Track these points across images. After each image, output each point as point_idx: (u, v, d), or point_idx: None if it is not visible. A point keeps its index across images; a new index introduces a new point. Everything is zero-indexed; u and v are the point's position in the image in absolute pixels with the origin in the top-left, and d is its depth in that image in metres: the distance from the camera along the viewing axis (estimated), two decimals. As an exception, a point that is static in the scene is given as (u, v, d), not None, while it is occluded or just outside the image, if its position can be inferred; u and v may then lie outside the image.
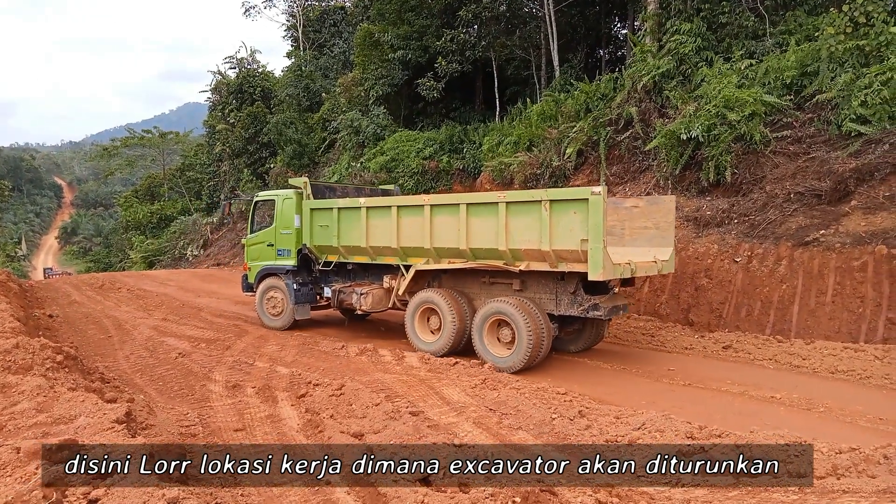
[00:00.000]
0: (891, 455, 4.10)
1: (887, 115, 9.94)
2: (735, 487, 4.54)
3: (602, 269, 7.63)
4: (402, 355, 9.80)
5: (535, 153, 15.85)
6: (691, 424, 5.98)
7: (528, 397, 7.32)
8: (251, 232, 12.86)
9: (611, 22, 22.31)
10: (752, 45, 13.06)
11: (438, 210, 9.31)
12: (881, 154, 9.85)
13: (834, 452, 4.44)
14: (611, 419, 6.56)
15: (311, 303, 12.03)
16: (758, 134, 11.10)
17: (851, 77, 10.52)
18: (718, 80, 11.99)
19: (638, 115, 13.55)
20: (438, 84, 20.82)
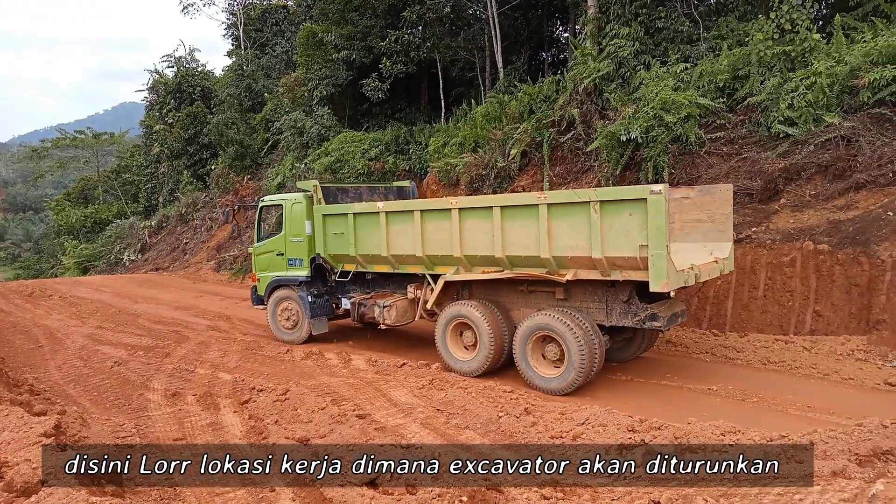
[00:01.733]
0: (816, 441, 4.30)
1: (812, 118, 10.43)
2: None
3: (666, 279, 6.67)
4: (349, 358, 9.72)
5: (481, 154, 15.96)
6: (632, 418, 6.14)
7: (475, 396, 7.37)
8: (258, 240, 11.89)
9: (553, 25, 22.67)
10: (687, 50, 13.50)
11: (468, 214, 8.36)
12: (807, 154, 10.34)
13: (765, 441, 4.62)
14: (556, 415, 6.66)
15: (328, 315, 11.16)
16: (693, 135, 11.48)
17: (779, 81, 11.00)
18: (656, 83, 12.34)
19: (580, 117, 13.82)
20: (383, 85, 20.72)
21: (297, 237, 10.95)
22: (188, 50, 41.29)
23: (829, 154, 10.15)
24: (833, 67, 10.37)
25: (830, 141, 10.17)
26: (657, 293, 7.08)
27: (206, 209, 29.71)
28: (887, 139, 9.70)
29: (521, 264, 8.03)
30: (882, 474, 3.80)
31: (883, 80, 9.68)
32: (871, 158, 9.72)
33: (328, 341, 11.18)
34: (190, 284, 22.09)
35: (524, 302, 8.62)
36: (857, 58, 10.22)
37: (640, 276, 6.99)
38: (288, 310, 11.21)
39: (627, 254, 6.92)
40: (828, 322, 9.27)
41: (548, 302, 8.31)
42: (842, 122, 10.06)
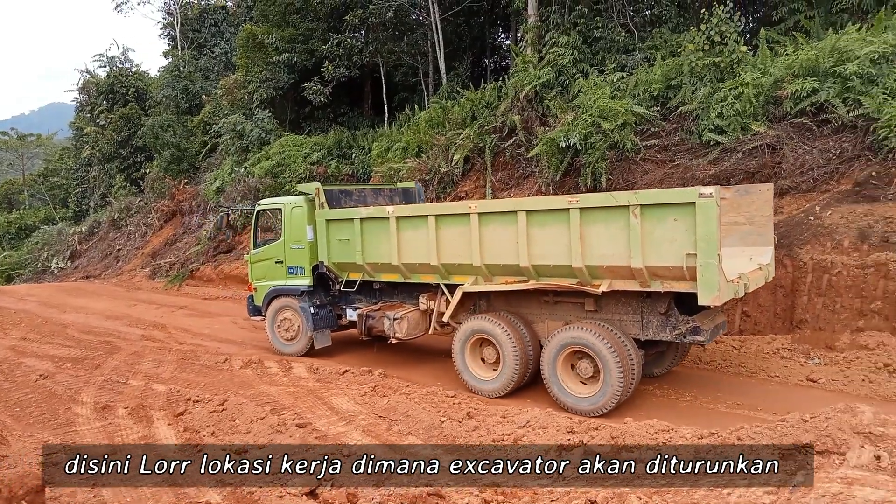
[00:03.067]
0: (743, 437, 4.48)
1: (740, 126, 10.89)
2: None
3: (718, 292, 6.04)
4: (290, 366, 9.55)
5: (424, 159, 16.00)
6: (572, 419, 6.26)
7: (417, 402, 7.35)
8: (255, 247, 11.08)
9: (495, 32, 22.97)
10: (623, 59, 13.90)
11: (489, 219, 7.67)
12: (735, 161, 10.78)
13: (696, 437, 4.79)
14: (497, 419, 6.72)
15: (332, 327, 10.40)
16: (629, 142, 11.82)
17: (709, 91, 11.45)
18: (594, 90, 12.65)
19: (521, 123, 14.02)
20: (326, 88, 20.53)
21: (297, 244, 10.18)
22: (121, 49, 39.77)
23: (755, 161, 10.61)
24: (759, 78, 10.86)
25: (757, 148, 10.63)
26: (695, 304, 6.59)
27: (141, 214, 28.70)
28: (808, 147, 10.22)
29: (548, 274, 7.34)
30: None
31: (803, 91, 10.20)
32: (793, 165, 10.22)
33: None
34: (123, 293, 21.27)
35: (549, 314, 7.91)
36: (780, 70, 10.74)
37: (684, 287, 6.37)
38: (288, 321, 10.46)
39: (672, 263, 6.28)
40: (755, 322, 9.68)
41: (576, 314, 7.63)
42: (767, 130, 10.54)
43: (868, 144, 9.58)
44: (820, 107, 10.23)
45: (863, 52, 9.78)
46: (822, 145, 10.13)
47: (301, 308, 10.15)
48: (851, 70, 9.69)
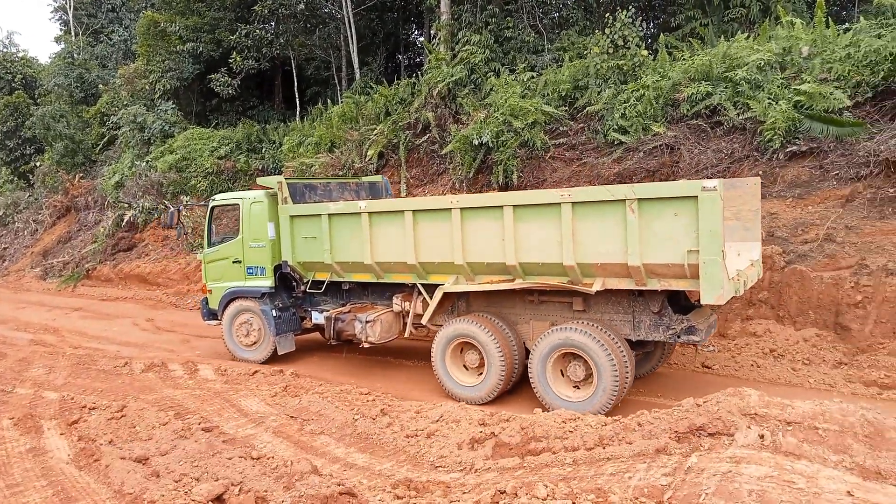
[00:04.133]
0: (643, 423, 4.71)
1: (641, 127, 11.40)
2: (520, 467, 4.91)
3: (721, 290, 5.80)
4: (196, 368, 9.18)
5: (337, 154, 15.77)
6: (484, 412, 6.36)
7: (330, 400, 7.26)
8: (209, 245, 10.30)
9: (409, 29, 22.94)
10: (533, 59, 14.23)
11: (472, 215, 7.24)
12: (637, 160, 11.28)
13: (600, 425, 4.99)
14: (412, 414, 6.74)
15: (295, 331, 9.80)
16: (539, 141, 12.12)
17: (613, 92, 11.91)
18: (505, 89, 12.89)
19: (434, 120, 14.08)
20: (234, 80, 19.82)
21: (257, 242, 9.52)
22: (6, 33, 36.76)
23: (655, 160, 11.14)
24: (658, 82, 11.41)
25: (657, 148, 11.16)
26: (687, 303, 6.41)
27: (31, 210, 26.69)
28: (703, 147, 10.84)
29: (537, 273, 6.97)
30: (696, 448, 4.24)
31: (699, 94, 10.80)
32: (690, 164, 10.80)
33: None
34: (10, 295, 19.74)
35: (533, 314, 7.56)
36: (678, 74, 11.32)
37: (684, 285, 6.18)
38: (247, 324, 9.78)
39: (672, 260, 6.02)
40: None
41: (562, 314, 7.31)
42: (666, 131, 11.08)
43: (756, 146, 10.26)
44: (713, 109, 10.86)
45: (750, 60, 10.46)
46: (715, 146, 10.76)
47: (262, 311, 9.50)
48: (741, 76, 10.34)
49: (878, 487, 3.62)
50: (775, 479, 3.69)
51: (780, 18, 11.40)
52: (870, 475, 3.72)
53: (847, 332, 8.09)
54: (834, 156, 9.39)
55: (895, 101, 9.40)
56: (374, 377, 8.85)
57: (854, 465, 3.80)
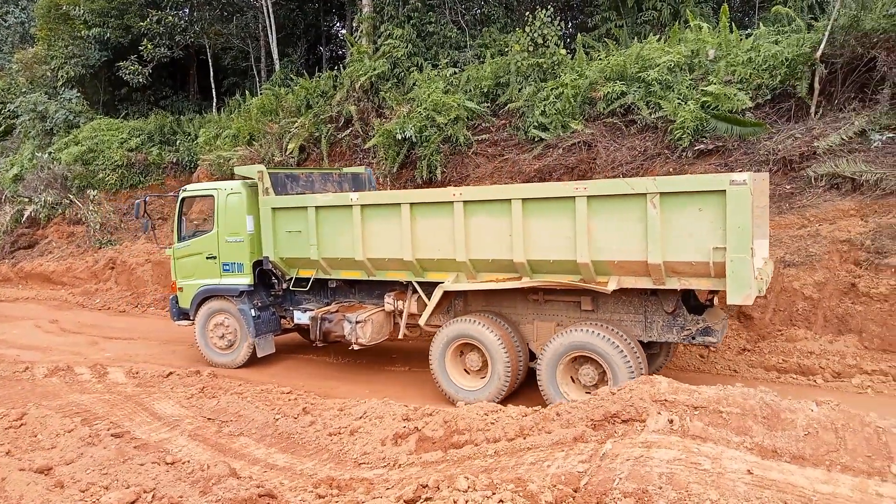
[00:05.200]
0: (562, 412, 4.85)
1: (561, 124, 11.70)
2: (443, 460, 4.95)
3: (750, 289, 5.56)
4: (105, 371, 8.73)
5: (256, 147, 15.33)
6: (408, 407, 6.36)
7: (250, 401, 7.08)
8: (180, 240, 9.61)
9: (330, 20, 22.54)
10: (455, 55, 14.33)
11: (476, 208, 6.79)
12: (557, 157, 11.57)
13: (520, 416, 5.10)
14: (335, 412, 6.66)
15: (275, 331, 9.19)
16: (462, 136, 12.23)
17: (534, 90, 12.16)
18: (428, 84, 12.91)
19: (357, 114, 13.94)
20: (145, 69, 18.90)
21: (234, 236, 8.88)
22: None
23: (574, 157, 11.45)
24: (576, 80, 11.73)
25: (575, 145, 11.48)
26: (692, 300, 6.34)
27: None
28: (618, 145, 11.23)
29: (546, 270, 6.61)
30: (611, 434, 4.40)
31: (614, 93, 11.18)
32: (606, 161, 11.17)
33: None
34: None
35: (537, 314, 7.22)
36: (594, 73, 11.67)
37: (706, 284, 5.95)
38: (222, 326, 9.17)
39: (695, 258, 5.74)
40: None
41: (569, 314, 7.01)
42: (584, 128, 11.42)
43: (667, 144, 10.72)
44: (628, 108, 11.27)
45: (661, 61, 10.92)
46: (629, 143, 11.17)
47: (240, 311, 8.87)
48: (652, 76, 10.79)
49: (775, 465, 3.87)
50: (683, 461, 3.89)
51: (688, 22, 11.95)
52: (767, 454, 3.98)
53: (749, 321, 8.59)
54: (737, 154, 9.93)
55: (791, 103, 10.06)
56: (298, 376, 8.68)
57: (754, 445, 4.05)
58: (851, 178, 8.81)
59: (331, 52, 22.72)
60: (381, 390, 7.76)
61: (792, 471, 3.81)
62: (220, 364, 9.21)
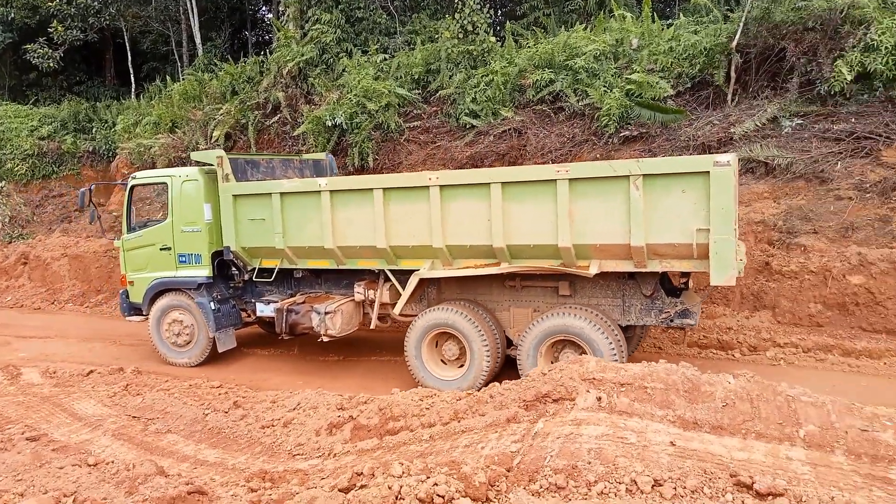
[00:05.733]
0: (495, 394, 4.93)
1: (491, 111, 11.78)
2: (379, 447, 4.94)
3: (733, 270, 5.64)
4: (18, 372, 8.24)
5: (180, 135, 14.74)
6: (343, 396, 6.32)
7: (178, 397, 6.87)
8: (129, 230, 9.07)
9: (256, 4, 21.87)
10: (385, 41, 14.16)
11: (454, 193, 6.63)
12: (488, 144, 11.66)
13: (455, 399, 5.15)
14: (267, 405, 6.56)
15: (236, 325, 8.79)
16: (393, 123, 12.14)
17: (464, 77, 12.18)
18: (358, 70, 12.72)
19: (285, 101, 13.61)
20: (55, 52, 17.80)
21: (191, 226, 8.44)
22: None
23: (505, 144, 11.57)
24: (506, 68, 11.82)
25: (506, 132, 11.59)
26: (666, 283, 6.35)
27: None
28: (547, 132, 11.42)
29: (526, 255, 6.53)
30: (542, 414, 4.50)
31: (542, 81, 11.35)
32: (536, 148, 11.34)
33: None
34: None
35: (513, 300, 7.14)
36: (523, 61, 11.80)
37: (688, 266, 5.99)
38: (178, 322, 8.76)
39: (679, 240, 5.78)
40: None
41: (547, 300, 6.98)
42: (514, 115, 11.54)
43: (594, 130, 10.97)
44: (556, 96, 11.46)
45: (588, 49, 11.15)
46: (558, 130, 11.37)
47: (199, 304, 8.46)
48: (579, 64, 11.00)
49: (695, 435, 4.06)
50: (611, 436, 4.02)
51: (613, 12, 12.24)
52: (688, 425, 4.17)
53: (672, 300, 8.94)
54: (660, 140, 10.28)
55: (709, 91, 10.48)
56: (229, 369, 8.46)
57: (676, 418, 4.23)
58: (765, 162, 9.28)
59: (257, 36, 22.10)
60: (314, 381, 7.67)
61: (711, 440, 4.00)
62: (178, 362, 8.83)
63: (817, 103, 9.47)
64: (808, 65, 9.52)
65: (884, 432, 3.97)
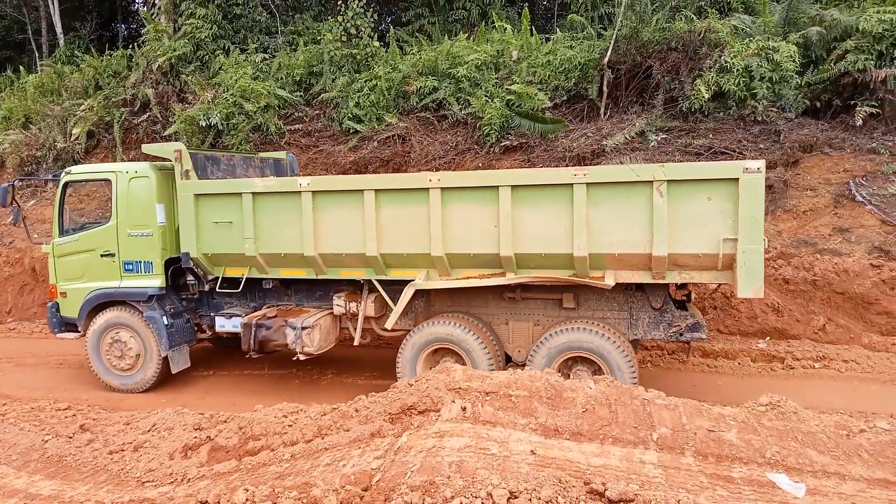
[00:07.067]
0: (360, 408, 4.75)
1: (375, 117, 11.64)
2: (237, 470, 4.62)
3: (761, 281, 5.38)
4: None
5: (35, 131, 13.47)
6: (203, 415, 5.92)
7: (13, 422, 6.18)
8: (61, 233, 7.85)
9: (128, -6, 20.51)
10: (265, 41, 13.67)
11: (458, 196, 6.09)
12: (372, 149, 11.47)
13: (319, 415, 4.92)
14: (119, 427, 6.03)
15: (190, 342, 7.71)
16: (273, 125, 11.70)
17: (348, 80, 11.96)
18: (235, 69, 12.15)
19: (155, 98, 12.78)
20: None
21: (140, 229, 7.41)
22: None
23: (389, 150, 11.44)
24: (390, 73, 11.73)
25: (390, 138, 11.48)
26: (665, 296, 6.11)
27: None
28: (431, 139, 11.42)
29: (535, 265, 6.08)
30: (407, 427, 4.38)
31: (426, 88, 11.35)
32: (420, 155, 11.29)
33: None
34: None
35: (511, 314, 6.67)
36: (407, 67, 11.75)
37: (708, 278, 5.73)
38: (121, 342, 7.62)
39: (704, 250, 5.49)
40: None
41: (548, 313, 6.54)
42: (398, 121, 11.45)
43: (476, 139, 11.09)
44: (440, 103, 11.50)
45: (470, 59, 11.27)
46: (442, 138, 11.40)
47: (150, 319, 7.42)
48: (462, 73, 11.10)
49: (556, 443, 4.09)
50: (473, 447, 3.97)
51: (495, 23, 12.47)
52: (550, 433, 4.20)
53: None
54: (539, 150, 10.54)
55: (584, 104, 10.90)
56: (81, 389, 7.73)
57: (538, 426, 4.25)
58: (633, 174, 9.73)
59: (129, 29, 20.67)
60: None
61: (570, 447, 4.04)
62: (123, 388, 7.74)
63: (680, 119, 10.08)
64: (672, 83, 10.13)
65: (728, 432, 4.18)
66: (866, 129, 9.36)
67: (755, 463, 3.86)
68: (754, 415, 4.36)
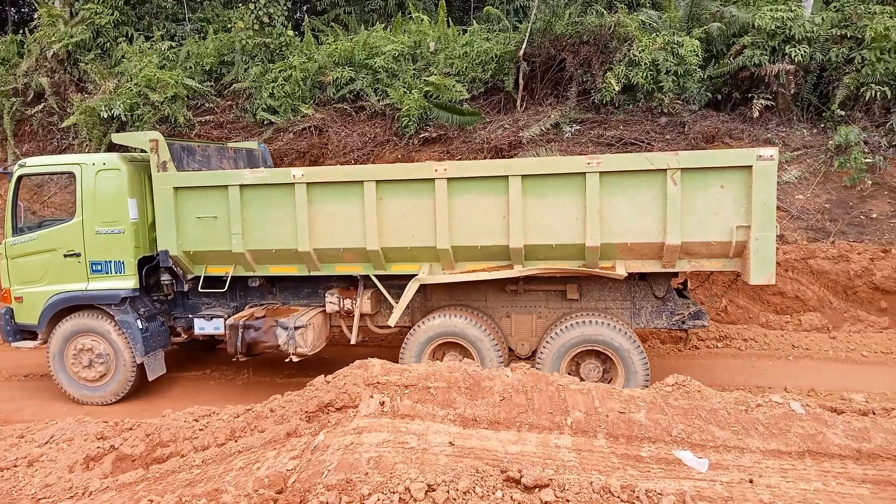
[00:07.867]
0: (276, 408, 4.63)
1: (291, 108, 11.33)
2: (143, 479, 4.40)
3: (773, 268, 5.47)
4: None
5: (-90, 123, 12.34)
6: (107, 423, 5.58)
7: None
8: (15, 232, 7.15)
9: (18, -25, 19.05)
10: (172, 28, 13.04)
11: (464, 187, 5.87)
12: (288, 141, 11.19)
13: (233, 417, 4.75)
14: (13, 440, 5.58)
15: (165, 347, 7.09)
16: (181, 117, 11.20)
17: (261, 70, 11.58)
18: (139, 58, 11.54)
19: (51, 87, 11.97)
20: None
21: (110, 226, 6.78)
22: None
23: (306, 141, 11.19)
24: (305, 63, 11.44)
25: (306, 129, 11.22)
26: (668, 284, 6.10)
27: None
28: (349, 131, 11.24)
29: (544, 256, 5.95)
30: (324, 425, 4.29)
31: (343, 79, 11.16)
32: (338, 146, 11.10)
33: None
34: None
35: (512, 306, 6.53)
36: (323, 57, 11.50)
37: (718, 266, 5.77)
38: (89, 351, 6.96)
39: (717, 238, 5.54)
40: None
41: (550, 304, 6.44)
42: (315, 113, 11.22)
43: (395, 131, 11.02)
44: (357, 94, 11.34)
45: (387, 49, 11.16)
46: (360, 129, 11.25)
47: (123, 323, 6.80)
48: (379, 64, 10.98)
49: (474, 433, 4.11)
50: (392, 442, 3.92)
51: (411, 14, 12.39)
52: (468, 423, 4.21)
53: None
54: (457, 142, 10.59)
55: (501, 96, 11.03)
56: None
57: (457, 417, 4.25)
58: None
59: (20, 13, 19.22)
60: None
61: (488, 436, 4.07)
62: (91, 401, 7.10)
63: (592, 111, 10.37)
64: (585, 75, 10.39)
65: (638, 413, 4.32)
66: (762, 121, 9.94)
67: (662, 441, 4.02)
68: (662, 395, 4.53)
